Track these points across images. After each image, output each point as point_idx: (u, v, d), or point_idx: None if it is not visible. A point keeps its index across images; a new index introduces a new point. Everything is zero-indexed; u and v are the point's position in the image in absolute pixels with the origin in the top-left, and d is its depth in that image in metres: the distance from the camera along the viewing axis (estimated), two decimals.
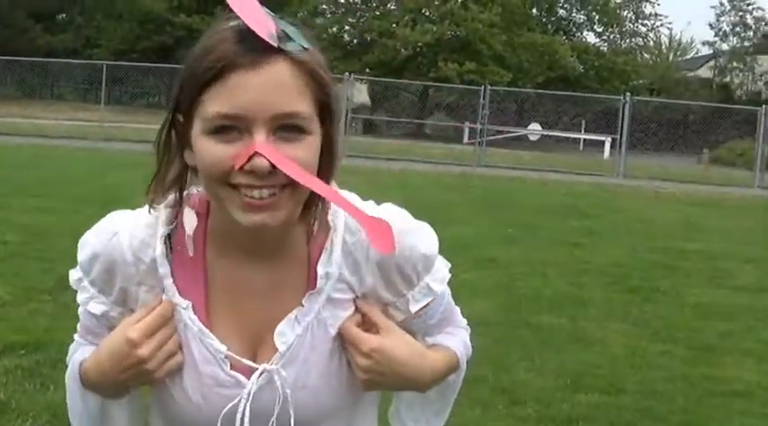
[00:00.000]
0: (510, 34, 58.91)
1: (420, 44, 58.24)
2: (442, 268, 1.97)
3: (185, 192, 1.83)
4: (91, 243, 1.87)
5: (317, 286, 1.82)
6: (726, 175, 34.75)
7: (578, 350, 8.18)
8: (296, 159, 1.64)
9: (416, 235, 1.88)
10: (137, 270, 1.83)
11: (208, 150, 1.66)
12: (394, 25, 58.75)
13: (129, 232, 1.83)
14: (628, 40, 72.21)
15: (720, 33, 72.70)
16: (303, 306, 1.82)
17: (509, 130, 46.63)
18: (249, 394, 1.80)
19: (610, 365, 7.77)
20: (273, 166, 1.62)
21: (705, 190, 28.16)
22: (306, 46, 1.70)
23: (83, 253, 1.89)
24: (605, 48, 67.86)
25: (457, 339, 2.15)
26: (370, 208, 1.83)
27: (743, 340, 8.92)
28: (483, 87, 35.57)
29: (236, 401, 1.80)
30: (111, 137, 31.99)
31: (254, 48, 1.63)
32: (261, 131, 1.63)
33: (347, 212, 1.74)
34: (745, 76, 70.27)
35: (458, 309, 2.15)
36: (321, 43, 1.70)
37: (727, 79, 70.76)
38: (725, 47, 72.36)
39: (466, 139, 44.72)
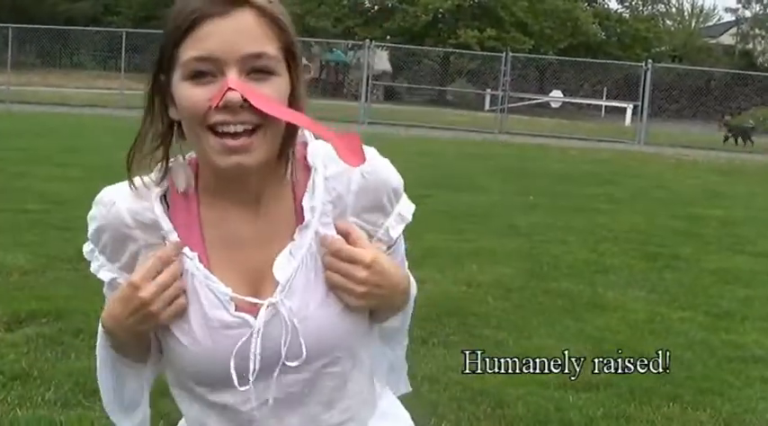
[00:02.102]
0: (531, 0, 58.63)
1: (441, 10, 58.02)
2: (405, 198, 2.09)
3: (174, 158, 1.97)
4: (94, 217, 1.98)
5: (305, 219, 1.94)
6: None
7: (598, 316, 8.19)
8: (266, 96, 1.79)
9: (388, 168, 2.03)
10: (141, 232, 1.94)
11: (186, 94, 1.81)
12: None
13: (124, 199, 1.94)
14: (650, 7, 71.78)
15: (743, 0, 72.21)
16: (294, 240, 1.93)
17: (530, 97, 46.51)
18: (259, 330, 1.89)
19: (629, 331, 7.78)
20: (246, 101, 1.76)
21: (726, 156, 28.05)
22: None
23: (90, 227, 2.00)
24: (627, 15, 67.48)
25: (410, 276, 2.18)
26: None
27: (762, 306, 8.91)
28: (504, 54, 35.52)
29: (245, 338, 1.89)
30: (131, 105, 31.95)
31: (223, 1, 1.80)
32: (232, 71, 1.78)
33: (315, 132, 1.86)
34: (767, 43, 69.78)
35: (406, 261, 2.23)
36: (342, 10, 1.78)
37: (750, 46, 70.34)
38: (747, 13, 71.94)
39: (487, 106, 44.64)
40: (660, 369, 6.67)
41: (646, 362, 6.81)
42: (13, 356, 6.12)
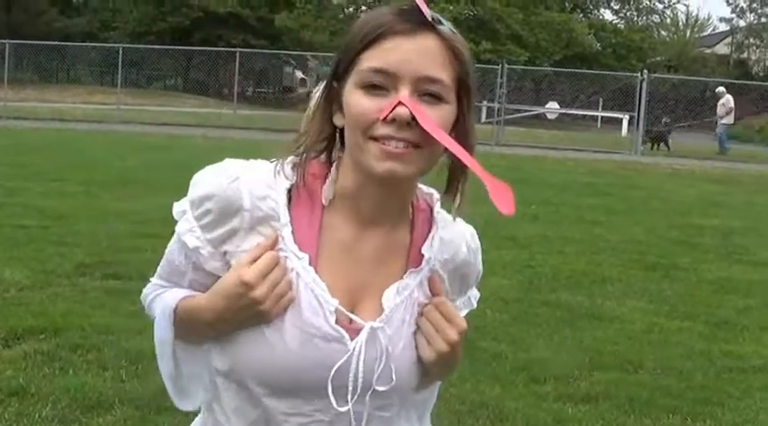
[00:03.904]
0: (527, 13, 58.69)
1: None
2: (475, 288, 2.22)
3: (332, 154, 2.00)
4: (209, 182, 1.95)
5: (421, 265, 2.00)
6: (743, 151, 34.61)
7: (596, 327, 8.19)
8: (432, 120, 1.81)
9: (480, 254, 2.15)
10: (251, 216, 1.92)
11: (357, 101, 1.84)
12: None
13: (250, 179, 1.93)
14: (645, 17, 71.84)
15: (737, 9, 72.38)
16: (403, 279, 1.98)
17: (527, 109, 46.45)
18: (361, 348, 1.90)
19: (628, 342, 7.78)
20: (413, 119, 1.79)
21: (723, 166, 28.07)
22: (454, 30, 1.89)
23: (197, 190, 1.96)
24: (622, 26, 67.55)
25: None
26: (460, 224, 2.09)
27: (761, 315, 8.91)
28: (500, 66, 35.48)
29: (345, 357, 1.89)
30: (127, 120, 32.07)
31: (411, 20, 1.85)
32: (406, 89, 1.81)
33: (470, 166, 1.87)
34: (762, 52, 69.96)
35: None
36: (338, 24, 1.85)
37: (745, 55, 70.45)
38: (742, 23, 72.04)
39: (484, 118, 44.56)
40: (659, 381, 6.68)
41: (644, 373, 6.83)
42: (10, 372, 6.11)
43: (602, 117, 49.58)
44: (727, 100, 34.00)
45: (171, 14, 60.03)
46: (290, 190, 1.96)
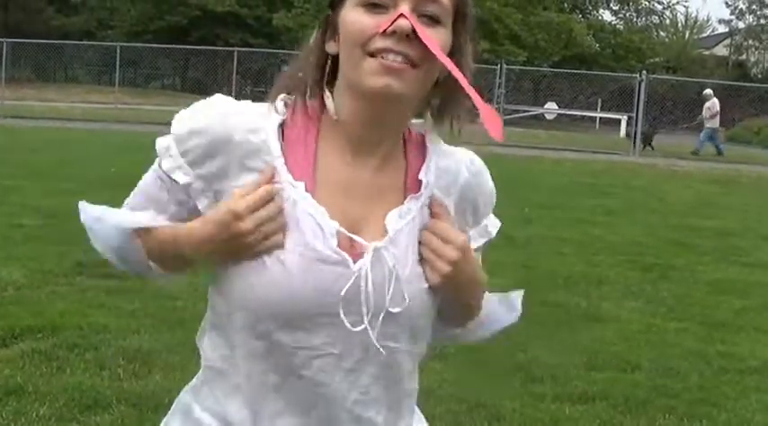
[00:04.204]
0: (525, 13, 58.69)
1: None
2: (494, 215, 2.24)
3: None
4: (198, 117, 1.95)
5: (420, 190, 1.99)
6: (741, 153, 34.64)
7: (594, 327, 8.20)
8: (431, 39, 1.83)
9: (488, 177, 2.17)
10: (242, 150, 1.91)
11: (356, 18, 1.85)
12: None
13: (240, 113, 1.93)
14: (644, 18, 71.93)
15: (736, 11, 72.45)
16: (404, 205, 1.97)
17: (525, 109, 46.46)
18: (367, 270, 1.88)
19: (625, 342, 7.78)
20: (414, 32, 1.80)
21: (721, 168, 28.08)
22: None
23: (181, 126, 1.96)
24: (621, 27, 67.59)
25: None
26: (459, 151, 2.10)
27: (758, 316, 8.92)
28: (499, 66, 35.48)
29: (353, 279, 1.87)
30: (125, 119, 32.06)
31: None
32: (406, 4, 1.82)
33: (471, 95, 1.88)
34: (761, 54, 70.00)
35: None
36: None
37: (743, 57, 70.51)
38: (741, 25, 72.12)
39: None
40: (655, 381, 6.68)
41: (641, 374, 6.84)
42: (8, 371, 6.10)
43: (600, 118, 49.62)
44: (713, 103, 34.02)
45: (169, 13, 60.02)
46: (282, 126, 1.95)
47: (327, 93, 1.95)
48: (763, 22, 70.19)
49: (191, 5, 59.06)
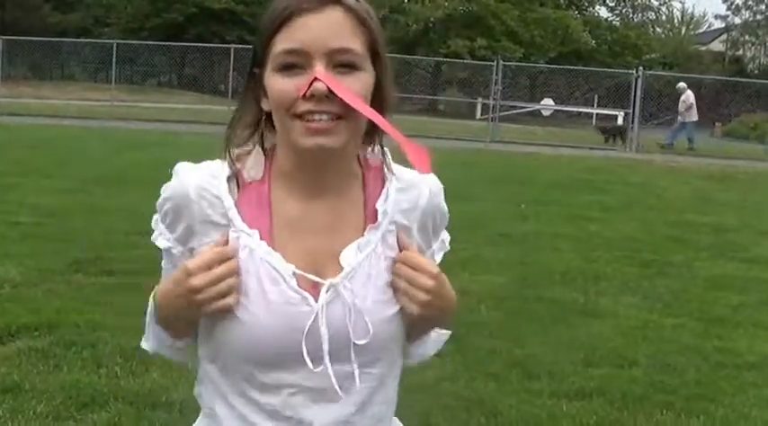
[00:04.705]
0: (522, 9, 58.68)
1: (432, 20, 58.07)
2: (445, 230, 2.26)
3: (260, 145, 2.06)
4: (167, 187, 2.06)
5: (378, 220, 2.04)
6: (738, 149, 34.65)
7: (591, 323, 8.20)
8: (349, 88, 1.89)
9: (443, 195, 2.19)
10: (200, 207, 2.00)
11: (277, 84, 1.92)
12: (405, 1, 58.53)
13: (195, 175, 2.03)
14: (640, 14, 71.94)
15: (733, 7, 72.40)
16: (364, 236, 2.02)
17: (522, 106, 46.45)
18: (323, 307, 1.95)
19: (622, 338, 7.79)
20: (331, 91, 1.86)
21: (718, 163, 28.07)
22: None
23: (161, 197, 2.07)
24: (617, 23, 67.57)
25: None
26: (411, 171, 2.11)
27: (755, 312, 8.93)
28: (495, 63, 35.48)
29: (312, 317, 1.94)
30: (122, 116, 32.00)
31: None
32: (320, 64, 1.89)
33: (388, 132, 1.96)
34: (757, 50, 70.02)
35: None
36: None
37: (740, 53, 70.49)
38: (737, 20, 72.09)
39: (479, 115, 44.63)
40: (652, 377, 6.69)
41: (638, 370, 6.84)
42: (4, 369, 6.11)
43: (597, 114, 49.56)
44: (687, 96, 34.01)
45: (165, 10, 59.87)
46: (237, 177, 2.03)
47: (254, 155, 2.05)
48: (759, 17, 70.17)
49: (187, 2, 58.93)
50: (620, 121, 38.00)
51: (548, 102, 48.49)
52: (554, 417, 5.92)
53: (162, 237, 2.08)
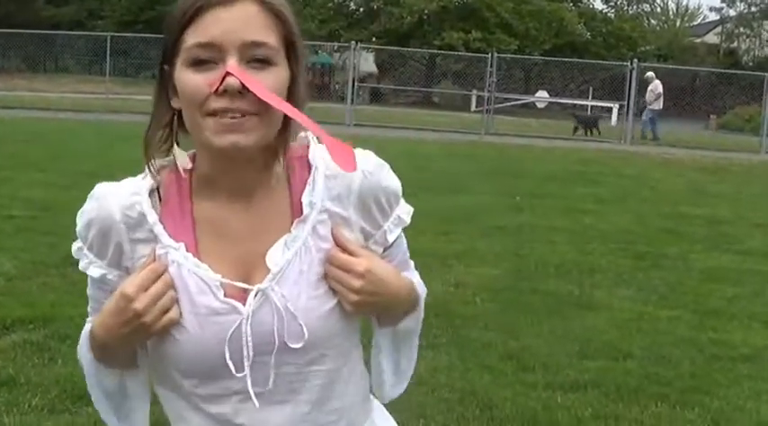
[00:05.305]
0: (517, 1, 58.62)
1: (426, 12, 57.98)
2: (403, 202, 2.13)
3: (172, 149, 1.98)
4: (84, 211, 2.00)
5: (303, 213, 1.96)
6: (733, 141, 34.67)
7: (586, 316, 8.21)
8: (264, 84, 1.82)
9: (388, 172, 2.06)
10: (126, 226, 1.95)
11: (188, 79, 1.85)
12: None
13: (116, 194, 1.97)
14: (635, 7, 71.85)
15: None
16: (291, 232, 1.95)
17: (516, 98, 46.50)
18: (248, 315, 1.90)
19: (617, 331, 7.80)
20: (244, 87, 1.79)
21: (712, 155, 28.10)
22: None
23: (79, 223, 2.01)
24: (612, 15, 67.53)
25: (415, 277, 2.22)
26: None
27: (750, 304, 8.94)
28: (490, 55, 35.47)
29: (236, 324, 1.89)
30: (116, 109, 31.93)
31: None
32: (232, 58, 1.81)
33: (311, 130, 1.92)
34: (752, 42, 70.00)
35: (411, 261, 2.25)
36: (327, 13, 1.88)
37: (735, 45, 70.48)
38: (732, 12, 72.04)
39: (473, 107, 44.63)
40: (647, 369, 6.70)
41: (633, 362, 6.84)
42: (0, 362, 6.11)
43: (591, 106, 49.60)
44: (656, 85, 34.08)
45: (159, 3, 59.71)
46: (159, 190, 1.98)
47: (176, 149, 1.97)
48: (753, 9, 70.11)
49: None
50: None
51: (542, 94, 48.53)
52: (549, 409, 5.93)
53: (93, 266, 2.02)
